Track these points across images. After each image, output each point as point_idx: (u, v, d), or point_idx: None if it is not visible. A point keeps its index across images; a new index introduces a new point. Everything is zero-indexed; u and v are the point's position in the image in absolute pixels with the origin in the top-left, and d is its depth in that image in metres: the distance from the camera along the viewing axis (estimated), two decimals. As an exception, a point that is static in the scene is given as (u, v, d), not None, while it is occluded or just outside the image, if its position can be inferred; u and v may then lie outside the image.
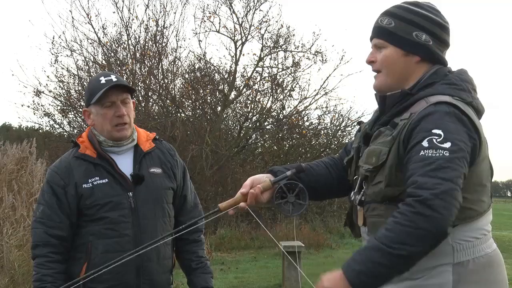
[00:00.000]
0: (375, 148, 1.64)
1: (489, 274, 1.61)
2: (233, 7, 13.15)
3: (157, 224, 2.23)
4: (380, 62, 1.71)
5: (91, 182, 2.20)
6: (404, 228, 1.45)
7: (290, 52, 13.37)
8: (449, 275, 1.57)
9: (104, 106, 2.22)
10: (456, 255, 1.58)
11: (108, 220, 2.17)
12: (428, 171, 1.48)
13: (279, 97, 13.54)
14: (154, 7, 13.41)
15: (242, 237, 10.90)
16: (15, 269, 5.43)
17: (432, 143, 1.51)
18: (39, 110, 13.59)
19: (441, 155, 1.49)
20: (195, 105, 13.45)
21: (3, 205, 6.35)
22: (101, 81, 2.23)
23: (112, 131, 2.24)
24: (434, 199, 1.44)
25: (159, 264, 2.25)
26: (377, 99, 1.78)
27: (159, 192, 2.28)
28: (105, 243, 2.13)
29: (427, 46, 1.68)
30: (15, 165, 7.58)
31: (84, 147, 2.27)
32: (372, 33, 1.75)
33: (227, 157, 12.50)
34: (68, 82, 13.43)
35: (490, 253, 1.63)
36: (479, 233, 1.61)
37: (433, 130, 1.52)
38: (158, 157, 2.34)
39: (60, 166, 2.27)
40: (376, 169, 1.62)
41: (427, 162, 1.49)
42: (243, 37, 13.17)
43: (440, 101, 1.58)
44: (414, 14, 1.68)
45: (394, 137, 1.60)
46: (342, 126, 14.23)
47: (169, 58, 13.27)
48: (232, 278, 7.78)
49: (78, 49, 13.04)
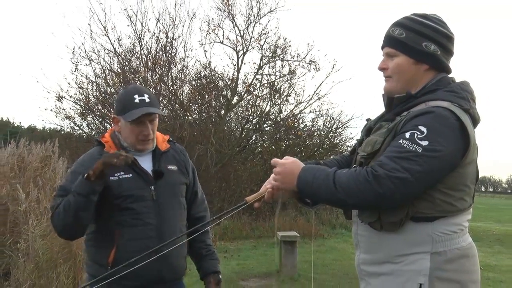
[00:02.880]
0: (372, 138, 1.67)
1: (463, 264, 1.61)
2: (235, 20, 13.16)
3: (176, 214, 2.25)
4: (391, 69, 1.71)
5: (117, 176, 2.18)
6: (354, 184, 1.51)
7: (286, 61, 13.37)
8: (427, 263, 1.57)
9: (133, 124, 2.20)
10: (434, 245, 1.58)
11: (134, 211, 2.16)
12: (394, 157, 1.50)
13: (277, 101, 13.53)
14: (164, 21, 13.39)
15: (243, 227, 10.89)
16: (39, 256, 5.42)
17: (412, 137, 1.51)
18: (61, 114, 13.61)
19: (413, 149, 1.49)
20: (201, 109, 13.43)
21: (29, 199, 6.36)
22: (135, 99, 2.20)
23: (136, 144, 2.25)
24: (385, 179, 1.47)
25: (177, 250, 2.23)
26: (384, 100, 1.79)
27: (176, 187, 2.31)
28: (131, 231, 2.13)
29: (435, 55, 1.67)
30: (39, 163, 7.59)
31: (109, 146, 2.26)
32: (384, 42, 1.75)
33: (230, 156, 12.49)
34: (87, 88, 13.41)
35: (465, 246, 1.63)
36: (457, 228, 1.61)
37: (419, 127, 1.52)
38: (173, 156, 2.37)
39: (87, 160, 2.24)
40: (370, 156, 1.62)
41: (399, 150, 1.51)
42: (244, 48, 13.16)
43: (438, 105, 1.57)
44: (423, 26, 1.68)
45: (389, 129, 1.62)
46: (333, 128, 14.21)
47: (177, 66, 13.26)
48: (235, 264, 7.78)
49: (96, 58, 13.04)
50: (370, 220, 1.63)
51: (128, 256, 2.10)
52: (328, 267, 7.38)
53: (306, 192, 1.63)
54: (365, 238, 1.71)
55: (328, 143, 14.12)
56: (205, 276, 2.41)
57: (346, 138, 14.32)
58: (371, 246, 1.69)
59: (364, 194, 1.50)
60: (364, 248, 1.72)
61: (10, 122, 19.35)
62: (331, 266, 7.25)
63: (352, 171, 1.56)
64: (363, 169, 1.53)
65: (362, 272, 1.74)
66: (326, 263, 7.48)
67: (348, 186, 1.52)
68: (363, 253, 1.73)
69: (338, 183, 1.54)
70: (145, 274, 2.16)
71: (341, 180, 1.54)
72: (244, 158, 13.36)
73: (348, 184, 1.52)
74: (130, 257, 2.11)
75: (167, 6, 22.84)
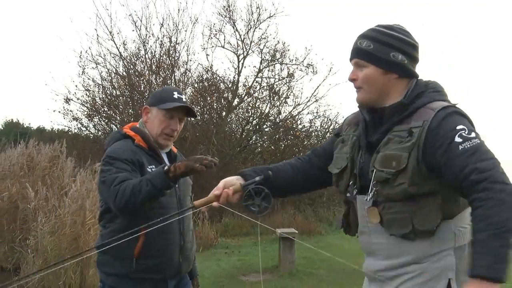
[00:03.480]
0: (393, 153, 1.58)
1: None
2: (236, 25, 13.16)
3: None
4: (361, 80, 1.69)
5: (151, 168, 2.18)
6: (498, 207, 1.35)
7: (285, 64, 13.36)
8: (452, 258, 1.57)
9: (166, 115, 2.26)
10: (457, 241, 1.58)
11: (162, 205, 2.15)
12: (478, 158, 1.44)
13: (276, 103, 13.53)
14: (168, 26, 13.39)
15: (244, 225, 10.90)
16: (47, 252, 5.46)
17: (463, 137, 1.49)
18: (68, 115, 13.60)
19: (475, 143, 1.48)
20: (203, 111, 13.45)
21: (38, 197, 6.41)
22: (174, 95, 2.29)
23: (159, 136, 2.28)
24: (501, 175, 1.41)
25: (192, 245, 2.36)
26: (365, 111, 1.73)
27: (188, 187, 2.41)
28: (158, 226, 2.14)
29: (403, 65, 1.67)
30: (48, 163, 7.65)
31: (138, 140, 2.26)
32: (352, 54, 1.72)
33: (230, 156, 12.52)
34: (93, 91, 13.40)
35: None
36: (467, 222, 1.57)
37: (457, 127, 1.51)
38: (181, 159, 2.43)
39: (125, 148, 2.18)
40: (398, 172, 1.55)
41: (471, 152, 1.46)
42: (245, 52, 13.18)
43: (443, 106, 1.58)
44: (389, 37, 1.67)
45: (414, 143, 1.55)
46: (330, 129, 14.20)
47: (180, 70, 13.26)
48: (235, 260, 7.81)
49: (102, 62, 13.03)
50: (404, 232, 1.57)
51: (153, 249, 2.14)
52: (326, 263, 7.42)
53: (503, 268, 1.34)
54: (385, 246, 1.65)
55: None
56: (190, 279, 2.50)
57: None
58: (395, 253, 1.63)
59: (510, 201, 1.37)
60: (385, 255, 1.66)
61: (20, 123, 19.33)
62: (328, 261, 7.28)
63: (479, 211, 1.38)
64: (477, 198, 1.40)
65: (381, 278, 1.66)
66: (324, 259, 7.51)
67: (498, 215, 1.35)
68: (382, 260, 1.66)
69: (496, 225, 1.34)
70: (169, 267, 2.21)
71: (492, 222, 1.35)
72: (245, 158, 13.38)
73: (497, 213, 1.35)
74: (155, 250, 2.14)
75: (170, 12, 22.78)
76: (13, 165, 7.60)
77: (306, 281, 6.56)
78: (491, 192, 1.37)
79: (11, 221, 7.00)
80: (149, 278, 2.16)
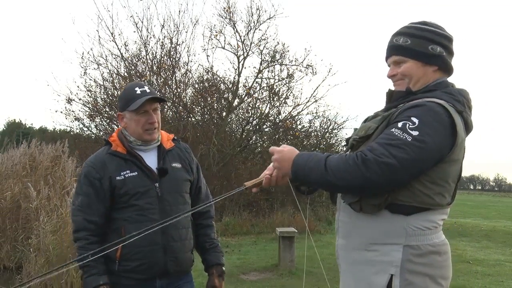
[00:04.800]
0: (366, 124, 1.67)
1: (434, 259, 1.59)
2: (236, 27, 13.13)
3: (179, 210, 2.25)
4: (402, 72, 1.70)
5: (123, 174, 2.19)
6: (343, 166, 1.51)
7: (285, 65, 13.34)
8: (399, 254, 1.56)
9: (139, 113, 2.22)
10: (407, 238, 1.57)
11: (138, 207, 2.17)
12: (384, 144, 1.50)
13: (276, 104, 13.51)
14: (168, 27, 13.45)
15: (244, 224, 10.88)
16: (50, 251, 5.43)
17: (404, 126, 1.51)
18: (70, 115, 13.60)
19: (403, 137, 1.48)
20: (203, 111, 13.42)
21: (40, 196, 6.37)
22: (136, 91, 2.23)
23: (143, 134, 2.25)
24: (373, 163, 1.47)
25: (182, 244, 2.27)
26: (387, 96, 1.77)
27: (179, 183, 2.31)
28: (136, 226, 2.12)
29: (442, 56, 1.68)
30: (50, 162, 7.61)
31: (116, 145, 2.27)
32: (389, 52, 1.73)
33: (231, 156, 12.49)
34: (95, 91, 13.40)
35: (437, 243, 1.61)
36: (431, 225, 1.59)
37: (412, 118, 1.52)
38: (178, 154, 2.37)
39: (95, 161, 2.25)
40: (362, 140, 1.62)
41: (390, 137, 1.50)
42: (245, 53, 13.14)
43: (433, 101, 1.57)
44: (425, 31, 1.68)
45: (384, 117, 1.62)
46: (329, 129, 14.22)
47: (181, 70, 13.24)
48: (235, 259, 7.77)
49: (104, 63, 13.02)
50: (352, 201, 1.62)
51: (134, 251, 2.12)
52: (325, 261, 7.38)
53: (299, 175, 1.63)
54: (344, 223, 1.71)
55: (325, 143, 14.10)
56: (208, 268, 2.42)
57: (341, 139, 14.30)
58: (348, 231, 1.69)
59: (352, 176, 1.49)
60: (342, 233, 1.73)
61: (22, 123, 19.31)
62: (328, 260, 7.24)
63: (343, 155, 1.56)
64: (353, 153, 1.53)
65: (340, 257, 1.75)
66: (323, 258, 7.48)
67: (337, 168, 1.52)
68: (341, 238, 1.74)
69: (329, 166, 1.54)
70: (153, 267, 2.18)
71: (331, 163, 1.54)
72: (245, 158, 13.36)
73: (338, 166, 1.52)
74: (136, 252, 2.13)
75: (171, 13, 22.82)
76: (15, 165, 7.57)
77: (305, 279, 6.52)
78: (354, 159, 1.50)
79: (13, 220, 6.97)
80: (135, 278, 2.18)
